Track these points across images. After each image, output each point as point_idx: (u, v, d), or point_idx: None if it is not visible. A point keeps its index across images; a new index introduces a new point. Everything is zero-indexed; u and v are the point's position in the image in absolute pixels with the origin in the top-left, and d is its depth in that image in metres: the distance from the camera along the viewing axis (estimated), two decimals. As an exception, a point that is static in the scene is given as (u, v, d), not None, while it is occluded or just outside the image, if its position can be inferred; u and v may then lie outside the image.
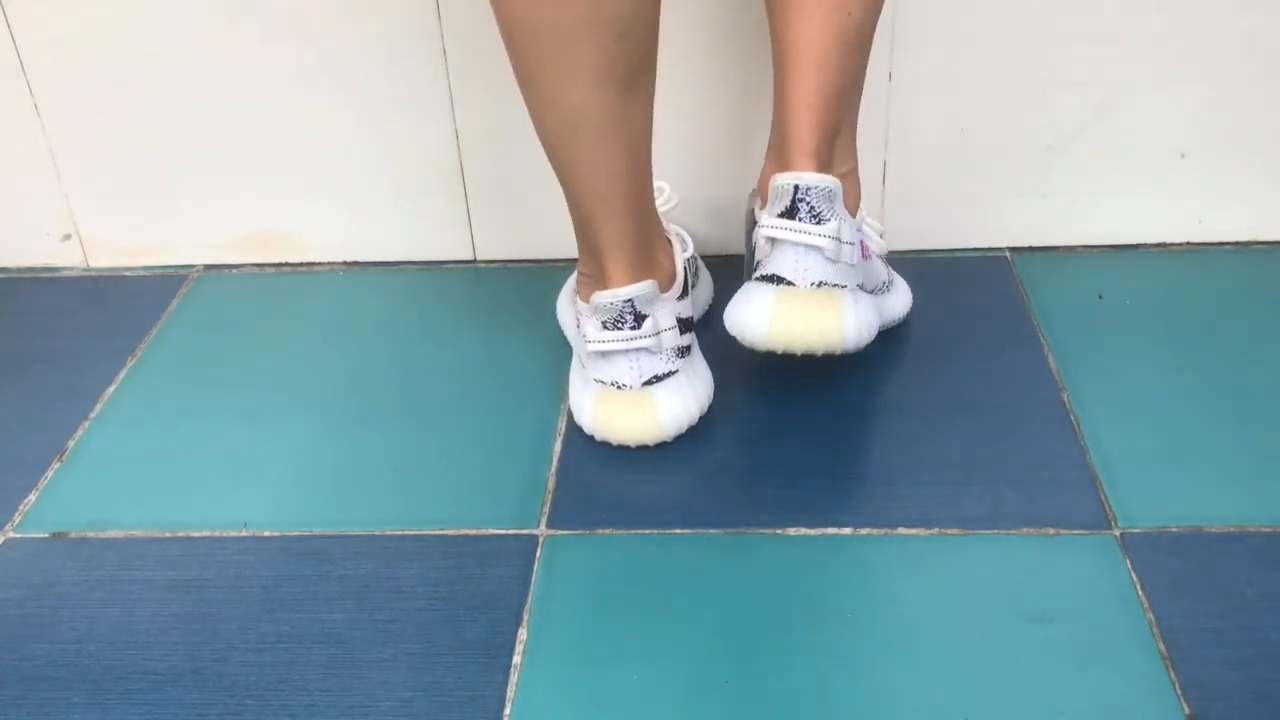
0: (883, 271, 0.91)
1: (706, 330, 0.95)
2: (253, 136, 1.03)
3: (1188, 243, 1.04)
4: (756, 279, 0.80)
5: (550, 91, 0.75)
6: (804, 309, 0.78)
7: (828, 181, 0.77)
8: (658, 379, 0.82)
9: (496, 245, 1.07)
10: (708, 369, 0.87)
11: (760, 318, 0.78)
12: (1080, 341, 0.92)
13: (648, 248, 0.82)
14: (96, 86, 1.01)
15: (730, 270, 1.00)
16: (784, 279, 0.78)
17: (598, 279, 0.82)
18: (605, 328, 0.81)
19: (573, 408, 0.86)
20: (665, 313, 0.82)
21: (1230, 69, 0.96)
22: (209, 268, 1.10)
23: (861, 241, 0.82)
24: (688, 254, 0.89)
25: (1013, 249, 1.05)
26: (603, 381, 0.83)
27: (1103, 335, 0.93)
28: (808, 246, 0.78)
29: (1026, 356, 0.90)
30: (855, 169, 0.85)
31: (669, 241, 0.86)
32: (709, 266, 1.02)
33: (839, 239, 0.78)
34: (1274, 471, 0.79)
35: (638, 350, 0.82)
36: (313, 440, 0.87)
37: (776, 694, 0.66)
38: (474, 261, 1.08)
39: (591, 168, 0.77)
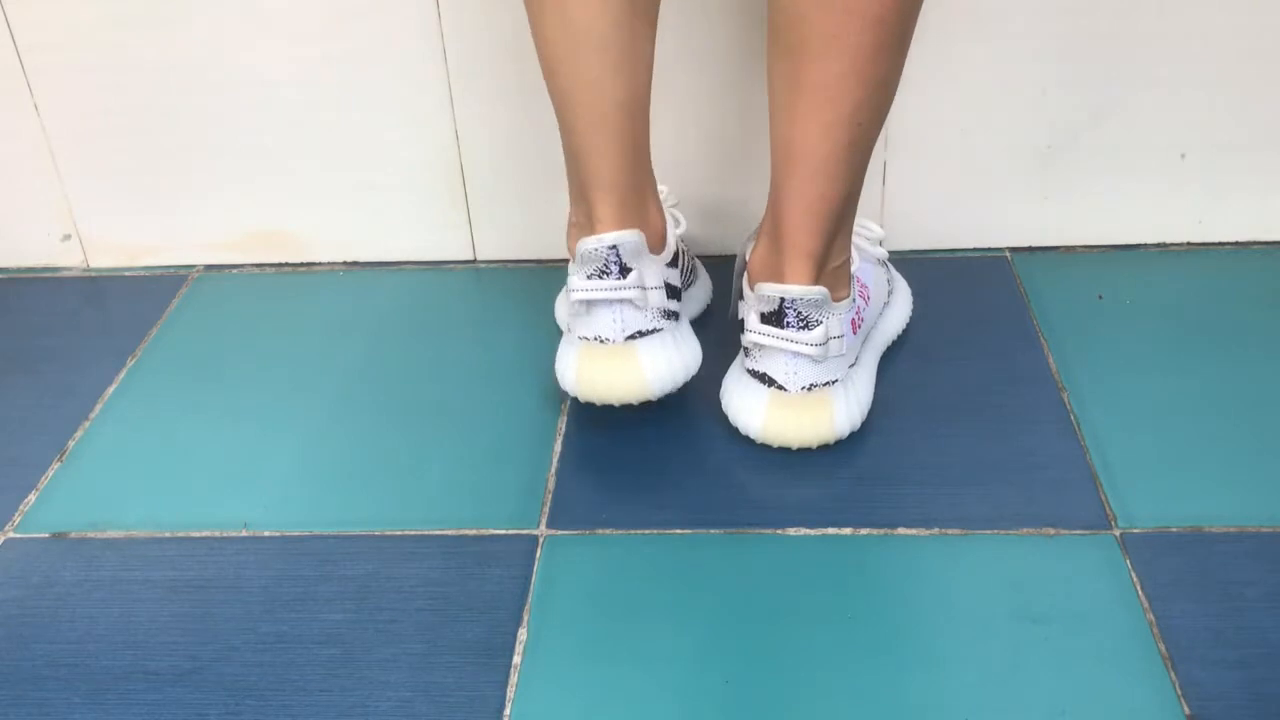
0: (883, 292, 0.91)
1: (705, 332, 0.95)
2: (253, 136, 1.03)
3: (1188, 243, 1.04)
4: (749, 370, 0.81)
5: (558, 7, 0.74)
6: (796, 413, 0.80)
7: (815, 293, 0.77)
8: (641, 334, 0.81)
9: (496, 245, 1.08)
10: (696, 340, 0.85)
11: (754, 418, 0.81)
12: (1080, 341, 0.92)
13: (639, 196, 0.81)
14: (96, 86, 1.01)
15: (729, 269, 1.00)
16: (775, 381, 0.80)
17: (585, 226, 0.81)
18: (589, 277, 0.79)
19: (558, 373, 0.84)
20: (652, 271, 0.80)
21: (1230, 70, 0.96)
22: (209, 268, 1.10)
23: (853, 319, 0.83)
24: (680, 230, 0.87)
25: (1013, 249, 1.05)
26: (586, 338, 0.81)
27: (1103, 335, 0.93)
28: (795, 354, 0.79)
29: (1026, 356, 0.90)
30: (850, 257, 0.83)
31: (663, 209, 0.85)
32: (708, 266, 1.02)
33: (827, 342, 0.79)
34: (1274, 471, 0.79)
35: (621, 302, 0.80)
36: (313, 440, 0.87)
37: (776, 694, 0.66)
38: (474, 261, 1.08)
39: (590, 94, 0.76)
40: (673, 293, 0.83)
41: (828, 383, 0.80)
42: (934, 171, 1.01)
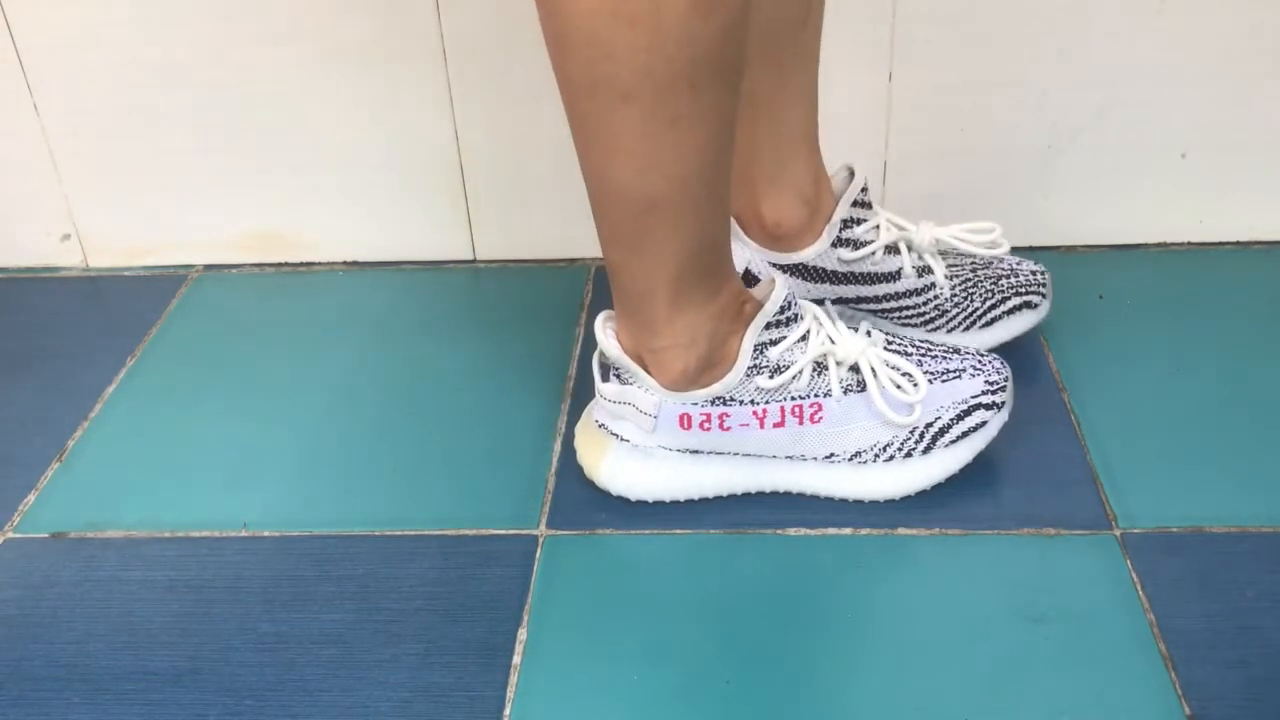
0: (873, 433, 0.77)
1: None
2: (253, 136, 1.03)
3: (1188, 243, 1.04)
4: None
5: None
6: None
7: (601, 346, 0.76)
8: None
9: (496, 245, 1.07)
10: None
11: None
12: (1080, 341, 0.92)
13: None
14: (96, 86, 1.01)
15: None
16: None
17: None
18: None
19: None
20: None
21: (1230, 69, 0.96)
22: (209, 268, 1.10)
23: (709, 415, 0.75)
24: None
25: (1013, 249, 1.04)
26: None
27: (1103, 335, 0.93)
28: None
29: (1027, 357, 0.90)
30: (688, 343, 0.73)
31: None
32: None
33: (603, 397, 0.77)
34: (1274, 471, 0.79)
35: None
36: (313, 440, 0.87)
37: (776, 694, 0.66)
38: (474, 261, 1.08)
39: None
40: None
41: (600, 424, 0.79)
42: (934, 171, 1.01)
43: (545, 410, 0.88)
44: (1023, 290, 0.89)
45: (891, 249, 0.86)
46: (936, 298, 0.87)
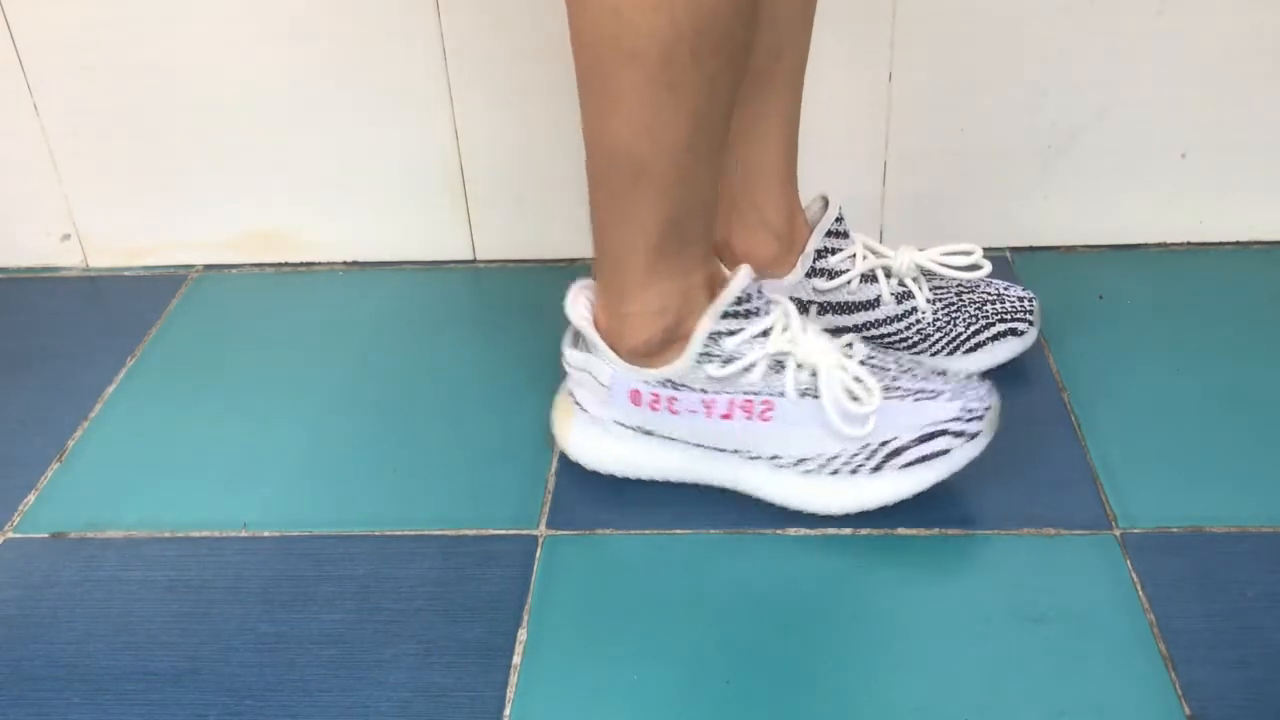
0: (820, 442, 0.75)
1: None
2: (252, 136, 1.03)
3: (1188, 243, 1.04)
4: None
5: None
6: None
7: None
8: None
9: (496, 245, 1.07)
10: None
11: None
12: (1080, 341, 0.92)
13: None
14: (96, 86, 1.01)
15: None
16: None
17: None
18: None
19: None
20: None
21: (1230, 69, 0.96)
22: (209, 268, 1.10)
23: (658, 395, 0.75)
24: None
25: (1013, 249, 1.04)
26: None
27: (1103, 335, 0.93)
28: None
29: (1027, 357, 0.90)
30: (658, 311, 0.73)
31: None
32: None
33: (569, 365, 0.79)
34: (1274, 471, 0.79)
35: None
36: (313, 440, 0.87)
37: (776, 694, 0.66)
38: (474, 261, 1.08)
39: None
40: None
41: (569, 393, 0.81)
42: (934, 171, 1.01)
43: (545, 410, 0.88)
44: (1008, 316, 0.87)
45: (868, 277, 0.85)
46: (918, 322, 0.86)
